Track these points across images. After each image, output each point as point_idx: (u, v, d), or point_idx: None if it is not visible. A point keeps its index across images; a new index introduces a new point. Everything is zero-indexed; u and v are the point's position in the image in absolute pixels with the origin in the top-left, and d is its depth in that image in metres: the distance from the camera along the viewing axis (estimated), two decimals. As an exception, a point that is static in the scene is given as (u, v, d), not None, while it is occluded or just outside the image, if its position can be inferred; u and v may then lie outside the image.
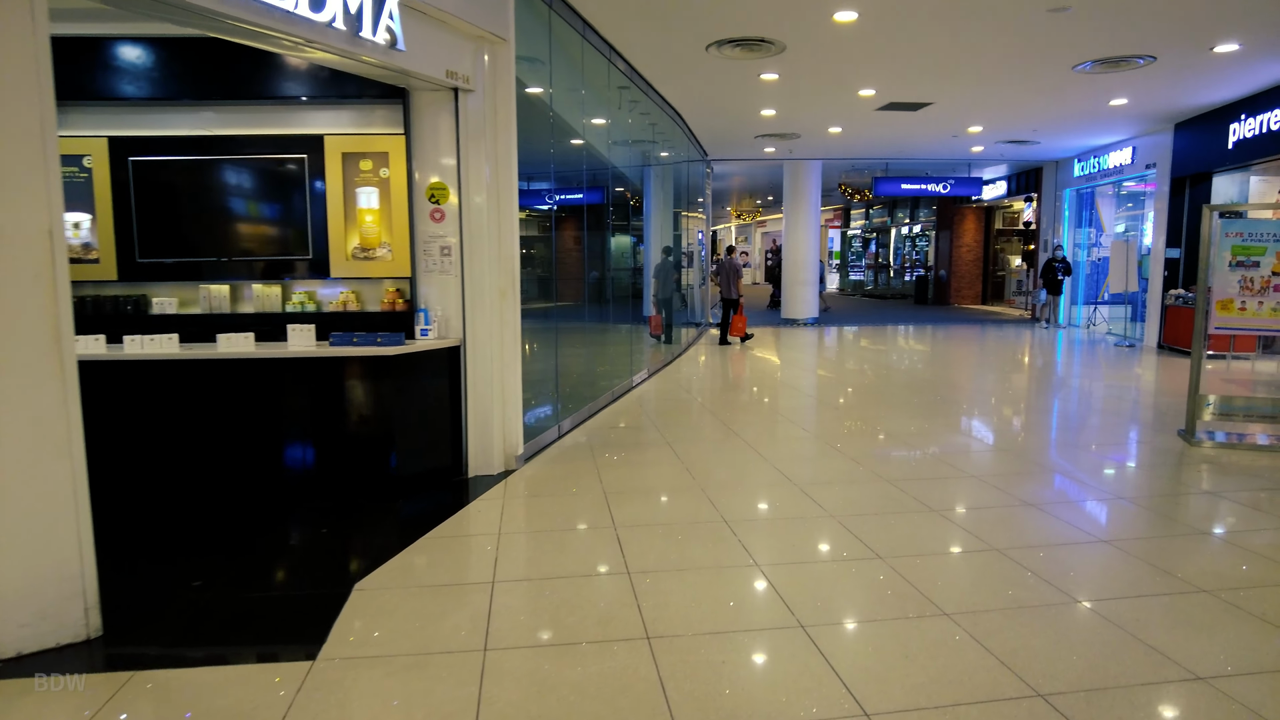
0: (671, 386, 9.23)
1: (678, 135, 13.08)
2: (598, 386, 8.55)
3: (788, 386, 9.20)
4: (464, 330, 5.39)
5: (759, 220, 39.20)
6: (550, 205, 18.94)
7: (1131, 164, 14.02)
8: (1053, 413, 7.90)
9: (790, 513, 4.67)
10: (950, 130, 13.32)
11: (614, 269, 17.27)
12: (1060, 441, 6.52)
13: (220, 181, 5.31)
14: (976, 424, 7.20)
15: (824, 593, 3.57)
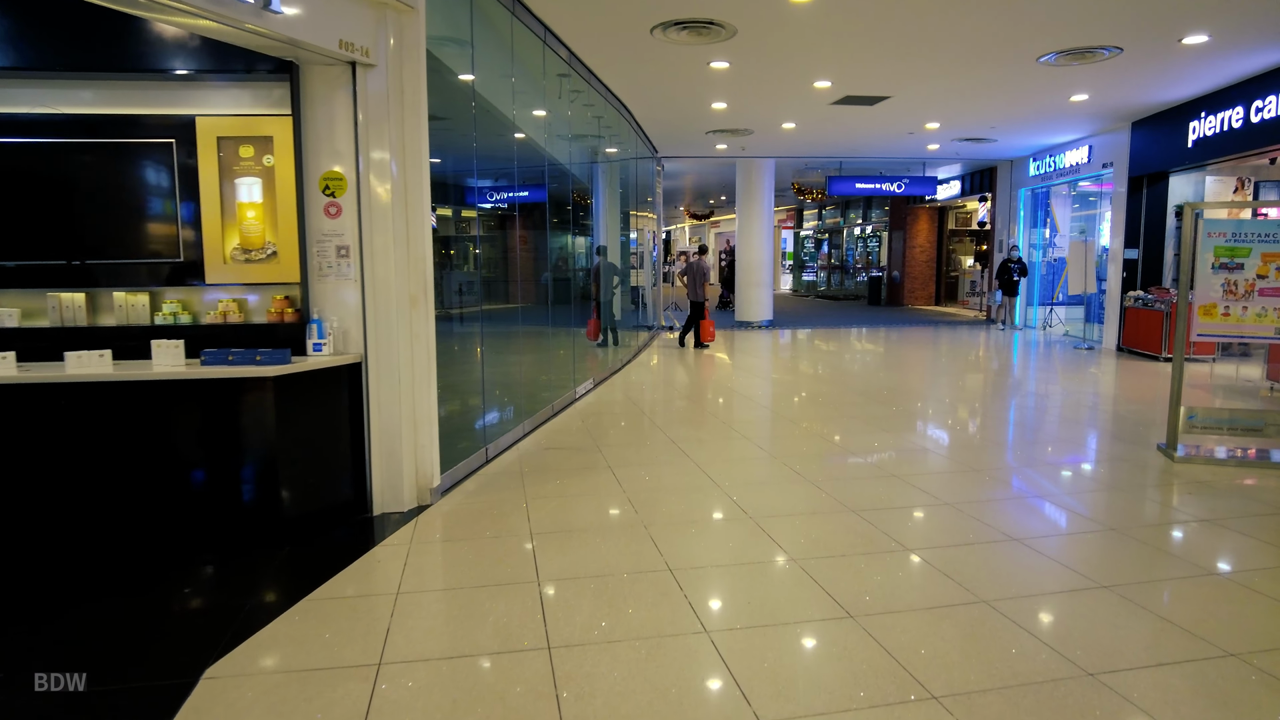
0: (619, 397, 8.54)
1: (626, 130, 12.41)
2: (538, 399, 7.83)
3: (742, 396, 8.59)
4: (365, 344, 4.63)
5: (713, 221, 38.77)
6: (496, 204, 18.18)
7: (1088, 163, 13.77)
8: (1024, 426, 7.41)
9: (746, 555, 4.01)
10: (907, 127, 12.88)
11: (564, 270, 16.53)
12: (1035, 459, 5.99)
13: (69, 170, 4.46)
14: (943, 440, 6.65)
15: (785, 672, 2.91)
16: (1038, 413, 7.91)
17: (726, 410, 7.86)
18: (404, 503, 4.76)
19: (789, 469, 5.58)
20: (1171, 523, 4.59)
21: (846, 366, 11.16)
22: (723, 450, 6.19)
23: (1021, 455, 6.11)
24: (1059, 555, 4.01)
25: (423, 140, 4.71)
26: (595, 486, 5.21)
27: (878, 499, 4.90)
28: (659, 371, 10.86)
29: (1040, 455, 6.09)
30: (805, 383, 9.62)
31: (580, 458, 5.99)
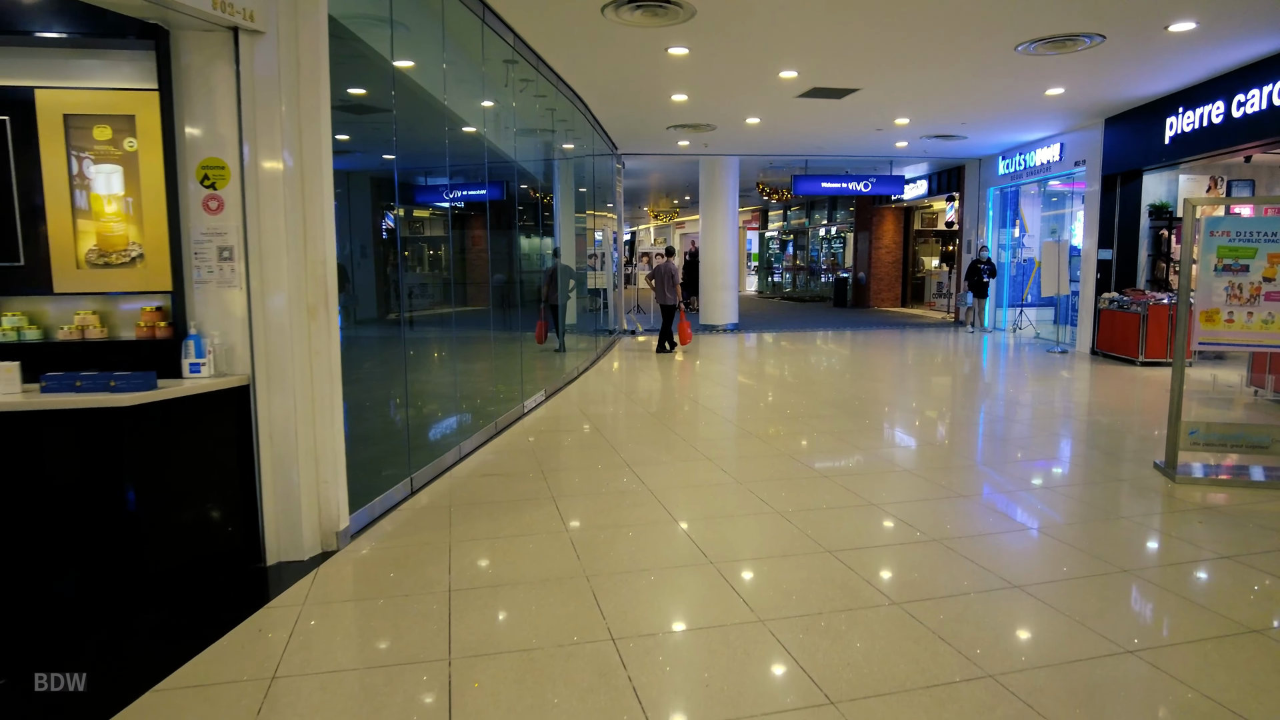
0: (572, 411, 7.85)
1: (582, 125, 11.72)
2: (481, 414, 7.12)
3: (705, 409, 7.95)
4: (254, 363, 3.89)
5: (677, 221, 38.20)
6: (449, 203, 17.34)
7: (1059, 160, 13.39)
8: (1007, 442, 6.86)
9: (705, 616, 3.36)
10: (875, 123, 12.37)
11: (519, 272, 15.78)
12: (1024, 481, 5.43)
13: (-118, 154, 3.67)
14: (923, 459, 6.07)
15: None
16: (1019, 425, 7.38)
17: (688, 425, 7.21)
18: (304, 549, 4.03)
19: (756, 498, 4.95)
20: (1190, 561, 4.03)
21: (816, 374, 10.59)
22: (683, 474, 5.53)
23: (1009, 476, 5.54)
24: (1070, 607, 3.41)
25: (324, 123, 3.99)
26: (534, 524, 4.52)
27: (856, 535, 4.28)
28: (618, 380, 10.19)
29: (1029, 476, 5.52)
30: (773, 392, 9.01)
31: (521, 486, 5.29)
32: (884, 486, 5.22)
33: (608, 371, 10.88)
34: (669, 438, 6.66)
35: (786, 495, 5.01)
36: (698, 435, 6.77)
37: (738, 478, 5.41)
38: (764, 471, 5.55)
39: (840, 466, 5.69)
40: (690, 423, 7.31)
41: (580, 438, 6.74)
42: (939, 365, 11.58)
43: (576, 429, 7.08)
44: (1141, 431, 7.00)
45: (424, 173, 17.04)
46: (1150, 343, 10.89)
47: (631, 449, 6.23)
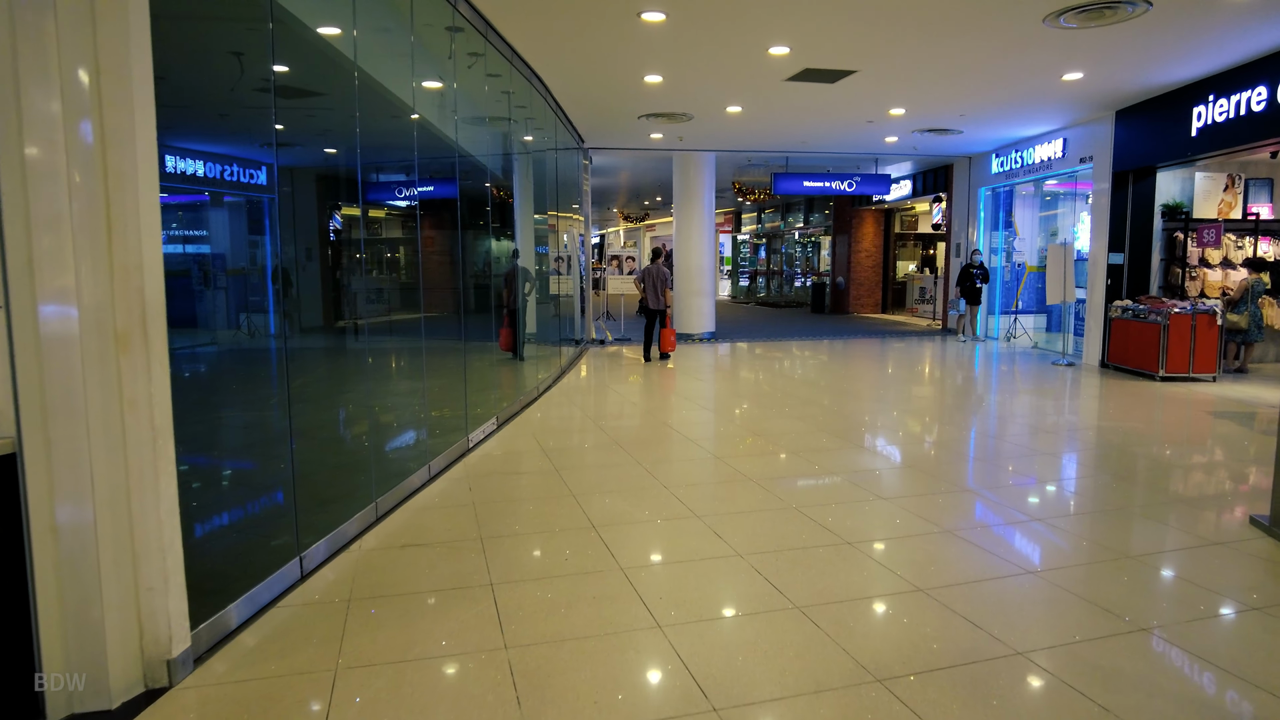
0: (528, 445, 6.57)
1: (543, 112, 10.45)
2: (414, 455, 5.82)
3: (688, 442, 6.72)
4: (19, 420, 2.57)
5: (649, 224, 37.04)
6: (397, 200, 15.98)
7: (1062, 157, 12.40)
8: (1053, 487, 5.71)
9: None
10: (868, 114, 11.26)
11: (477, 276, 14.47)
12: (1095, 547, 4.26)
13: None
14: (961, 515, 4.89)
15: None
16: (1055, 461, 6.24)
17: (668, 464, 5.97)
18: (112, 693, 2.71)
19: (767, 582, 3.71)
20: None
21: (807, 393, 9.41)
22: (666, 541, 4.29)
23: (1073, 542, 4.37)
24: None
25: (136, 52, 2.68)
26: (462, 633, 3.23)
27: (889, 637, 3.07)
28: (586, 400, 8.92)
29: (1098, 539, 4.36)
30: (761, 417, 7.80)
31: (449, 564, 4.00)
32: (909, 549, 4.02)
33: (573, 389, 9.60)
34: (645, 483, 5.40)
35: (791, 567, 3.79)
36: (680, 479, 5.52)
37: (737, 547, 4.17)
38: (770, 536, 4.32)
39: (855, 524, 4.48)
40: (670, 460, 6.06)
41: (535, 483, 5.46)
42: (942, 382, 10.48)
43: (532, 469, 5.80)
44: (1207, 469, 5.91)
45: (374, 168, 15.70)
46: (1172, 356, 9.89)
47: (599, 502, 4.97)
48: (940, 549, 4.14)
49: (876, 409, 8.27)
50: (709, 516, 4.65)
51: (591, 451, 6.33)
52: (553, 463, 5.94)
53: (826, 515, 4.65)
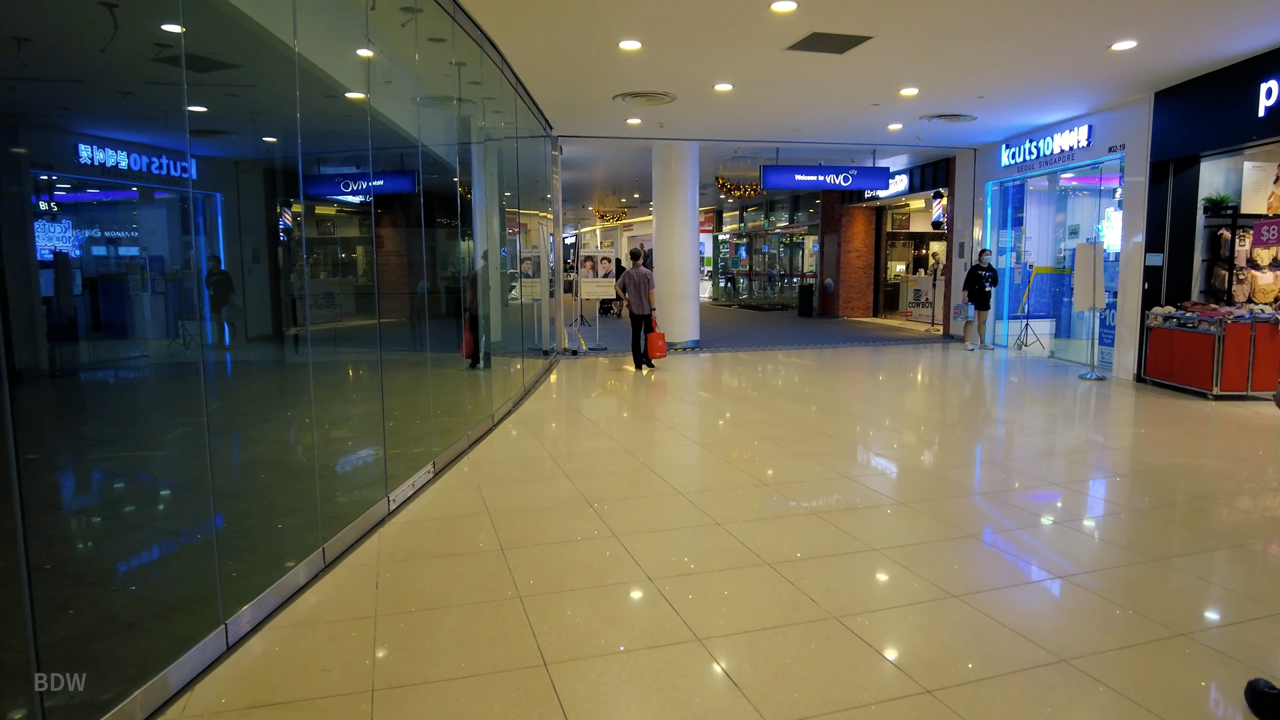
0: (468, 506, 5.08)
1: (504, 93, 8.95)
2: (305, 528, 4.33)
3: (672, 494, 5.27)
4: None
5: (626, 224, 35.57)
6: (345, 196, 14.42)
7: (1087, 146, 11.10)
8: (1164, 567, 4.30)
9: None
10: (875, 94, 9.87)
11: (436, 279, 12.93)
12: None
13: None
14: (1068, 618, 3.47)
15: None
16: (1153, 522, 4.85)
17: (647, 533, 4.51)
18: None
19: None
20: None
21: (814, 420, 7.99)
22: (660, 700, 2.82)
23: (1233, 650, 2.97)
24: None
25: None
26: None
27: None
28: (549, 433, 7.43)
29: (1266, 657, 2.96)
30: (766, 455, 6.36)
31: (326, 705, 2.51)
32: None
33: (538, 415, 8.11)
34: (622, 572, 3.93)
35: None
36: (671, 563, 4.06)
37: (728, 667, 2.71)
38: (811, 680, 2.87)
39: (941, 659, 3.05)
40: (656, 530, 4.59)
41: (470, 574, 3.97)
42: (970, 406, 9.13)
43: (468, 549, 4.30)
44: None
45: (318, 160, 14.10)
46: (1228, 372, 8.60)
47: (556, 613, 3.48)
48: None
49: (898, 441, 6.87)
50: (715, 638, 3.19)
51: (552, 516, 4.84)
52: (498, 537, 4.44)
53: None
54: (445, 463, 5.95)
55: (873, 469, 5.89)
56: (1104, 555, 4.17)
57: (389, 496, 4.85)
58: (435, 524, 4.66)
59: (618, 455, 6.28)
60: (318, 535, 4.00)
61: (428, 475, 5.53)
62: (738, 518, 4.69)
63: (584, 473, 5.75)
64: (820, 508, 4.86)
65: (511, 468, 5.98)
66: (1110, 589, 3.68)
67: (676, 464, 6.04)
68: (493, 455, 6.34)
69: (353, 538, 4.28)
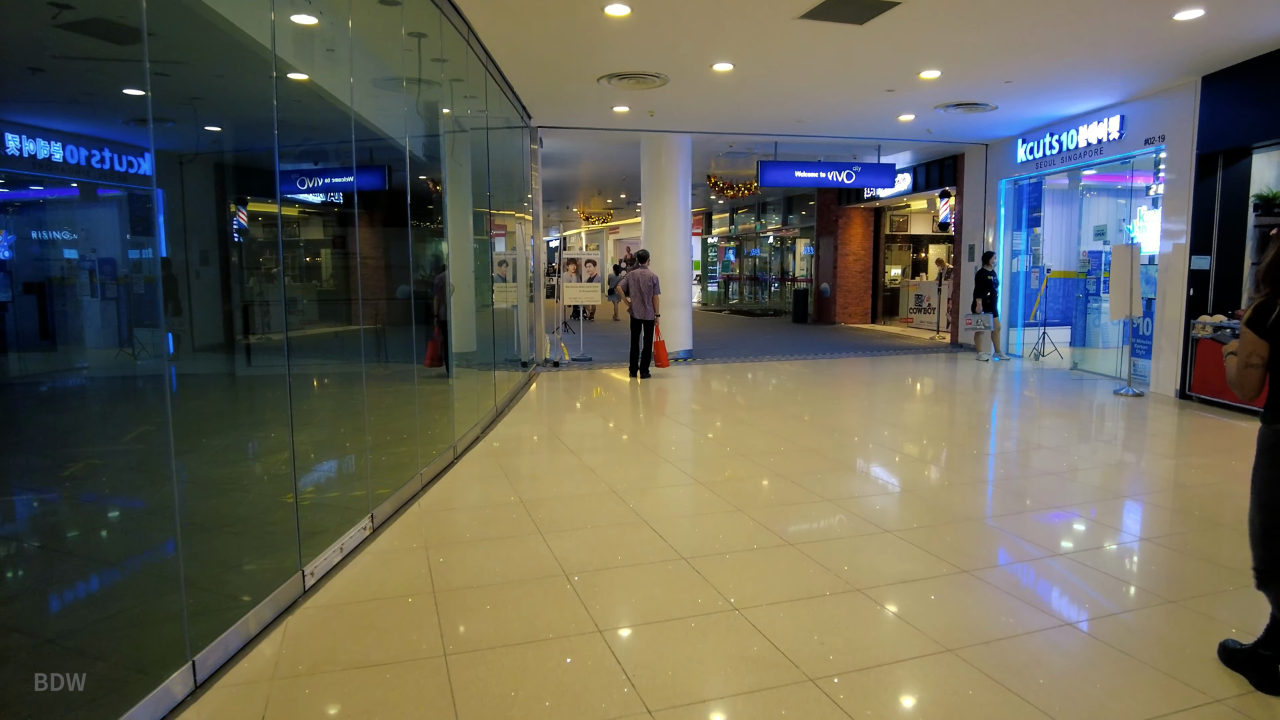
0: (411, 577, 3.95)
1: (475, 75, 7.84)
2: (204, 608, 3.19)
3: (674, 563, 4.16)
4: None
5: (612, 226, 34.49)
6: (304, 193, 13.24)
7: (1120, 138, 10.10)
8: None
9: None
10: (892, 77, 8.82)
11: (390, 287, 11.76)
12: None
13: None
14: None
15: None
16: None
17: (636, 608, 3.41)
18: None
19: None
20: None
21: (827, 445, 6.91)
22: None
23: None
24: None
25: None
26: None
27: None
28: (522, 470, 6.30)
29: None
30: (774, 496, 5.27)
31: None
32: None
33: (508, 445, 6.98)
34: (616, 708, 2.81)
35: None
36: (685, 691, 2.94)
37: None
38: None
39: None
40: (659, 627, 3.48)
41: (395, 704, 2.84)
42: (1008, 429, 8.08)
43: (400, 656, 3.16)
44: None
45: (280, 155, 12.88)
46: None
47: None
48: None
49: (942, 477, 5.80)
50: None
51: (517, 597, 3.71)
52: (443, 635, 3.30)
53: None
54: (388, 514, 4.81)
55: (919, 519, 4.81)
56: (1259, 659, 3.10)
57: (304, 570, 3.71)
58: (362, 611, 3.52)
59: (604, 501, 5.16)
60: (184, 642, 2.86)
61: (362, 533, 4.39)
62: (762, 598, 3.59)
63: (561, 526, 4.62)
64: (866, 581, 3.77)
65: (471, 520, 4.85)
66: None
67: (676, 512, 4.92)
68: (450, 500, 5.21)
69: (238, 641, 3.14)
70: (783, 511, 4.88)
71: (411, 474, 5.33)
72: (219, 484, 5.57)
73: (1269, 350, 2.67)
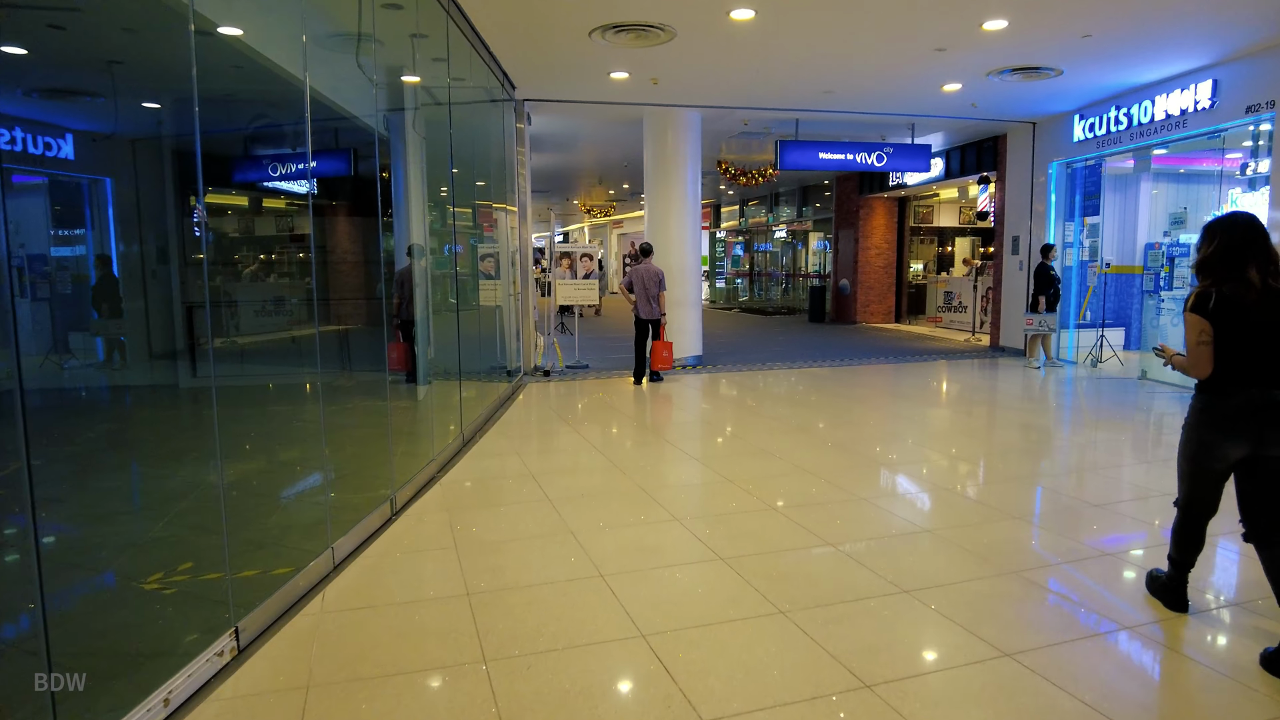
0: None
1: (434, 24, 6.32)
2: None
3: (679, 709, 2.65)
4: None
5: (615, 220, 32.95)
6: (259, 182, 11.79)
7: (1210, 109, 8.53)
8: None
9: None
10: (946, 31, 7.26)
11: (344, 286, 10.33)
12: None
13: None
14: None
15: None
16: None
17: None
18: None
19: None
20: None
21: (878, 487, 5.39)
22: None
23: None
24: None
25: None
26: None
27: None
28: (479, 527, 4.78)
29: None
30: (828, 580, 3.77)
31: None
32: None
33: (471, 490, 5.47)
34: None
35: None
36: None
37: None
38: None
39: None
40: None
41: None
42: (1115, 467, 6.54)
43: None
44: None
45: (242, 140, 11.42)
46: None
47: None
48: None
49: (1038, 536, 4.28)
50: None
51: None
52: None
53: None
54: (269, 620, 3.30)
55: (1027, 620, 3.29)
56: None
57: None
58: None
59: (585, 593, 3.64)
60: None
61: (215, 663, 2.88)
62: None
63: (523, 646, 3.11)
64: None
65: (388, 634, 3.32)
66: None
67: (688, 616, 3.41)
68: (367, 594, 3.69)
69: None
70: (851, 620, 3.35)
71: (318, 549, 3.82)
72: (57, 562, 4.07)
73: (1213, 329, 2.98)
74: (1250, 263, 2.93)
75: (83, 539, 4.38)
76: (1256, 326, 2.92)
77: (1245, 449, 2.98)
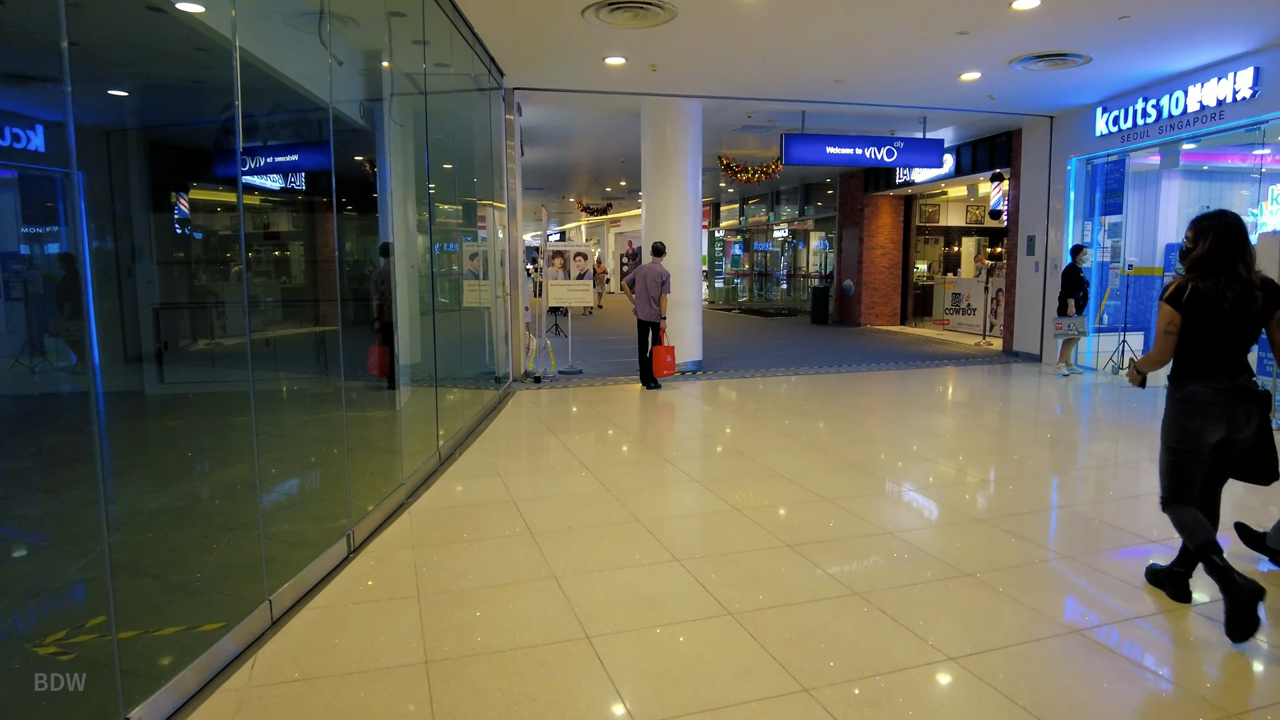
0: None
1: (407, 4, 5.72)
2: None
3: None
4: None
5: (613, 218, 32.33)
6: (238, 176, 11.14)
7: (1250, 99, 7.93)
8: None
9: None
10: (970, 12, 6.66)
11: (320, 287, 9.72)
12: None
13: None
14: None
15: None
16: None
17: None
18: None
19: None
20: None
21: (910, 518, 4.80)
22: None
23: None
24: None
25: None
26: None
27: None
28: (457, 556, 4.16)
29: None
30: (862, 641, 3.17)
31: None
32: None
33: (442, 524, 4.86)
34: None
35: None
36: None
37: None
38: None
39: None
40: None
41: None
42: (1133, 477, 5.93)
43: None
44: None
45: (218, 132, 10.77)
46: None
47: None
48: None
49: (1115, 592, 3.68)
50: None
51: None
52: None
53: None
54: (180, 700, 2.68)
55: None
56: None
57: None
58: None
59: (571, 668, 3.03)
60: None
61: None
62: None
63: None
64: None
65: (327, 715, 2.71)
66: None
67: (693, 700, 2.80)
68: (309, 661, 3.07)
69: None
70: (890, 701, 2.75)
71: (249, 609, 3.20)
72: None
73: (1181, 320, 3.19)
74: (1239, 261, 3.13)
75: None
76: (1229, 320, 3.11)
77: (1221, 432, 3.20)
